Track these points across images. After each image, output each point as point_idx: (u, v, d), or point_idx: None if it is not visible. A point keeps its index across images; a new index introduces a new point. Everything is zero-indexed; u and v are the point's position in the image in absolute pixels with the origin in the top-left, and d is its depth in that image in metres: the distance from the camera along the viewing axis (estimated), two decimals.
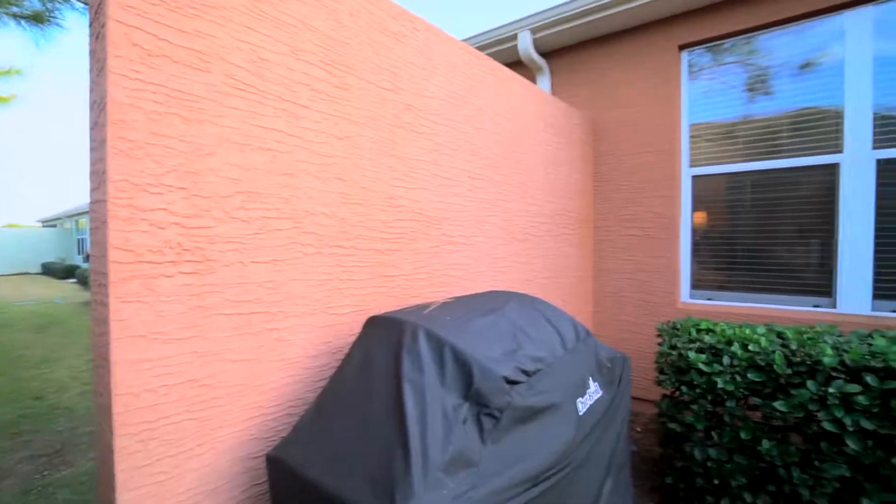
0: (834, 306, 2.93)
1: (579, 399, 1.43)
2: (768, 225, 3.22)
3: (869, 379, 1.70)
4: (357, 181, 1.74)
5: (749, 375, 1.97)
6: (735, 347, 2.05)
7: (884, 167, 2.80)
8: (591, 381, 1.56)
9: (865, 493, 1.72)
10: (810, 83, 3.08)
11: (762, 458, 1.97)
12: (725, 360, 2.04)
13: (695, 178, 3.48)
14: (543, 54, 4.06)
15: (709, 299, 3.41)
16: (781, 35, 3.16)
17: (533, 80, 4.12)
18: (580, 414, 1.39)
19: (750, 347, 2.01)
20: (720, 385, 2.01)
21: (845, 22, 2.92)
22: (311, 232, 1.58)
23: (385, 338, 1.30)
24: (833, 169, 2.94)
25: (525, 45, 3.87)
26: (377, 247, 1.84)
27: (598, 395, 1.55)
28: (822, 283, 3.00)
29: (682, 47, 3.47)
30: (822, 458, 1.81)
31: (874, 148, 2.81)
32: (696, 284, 3.50)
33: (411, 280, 2.02)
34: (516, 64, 4.07)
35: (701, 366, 2.07)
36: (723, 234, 3.42)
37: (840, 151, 2.92)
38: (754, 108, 3.30)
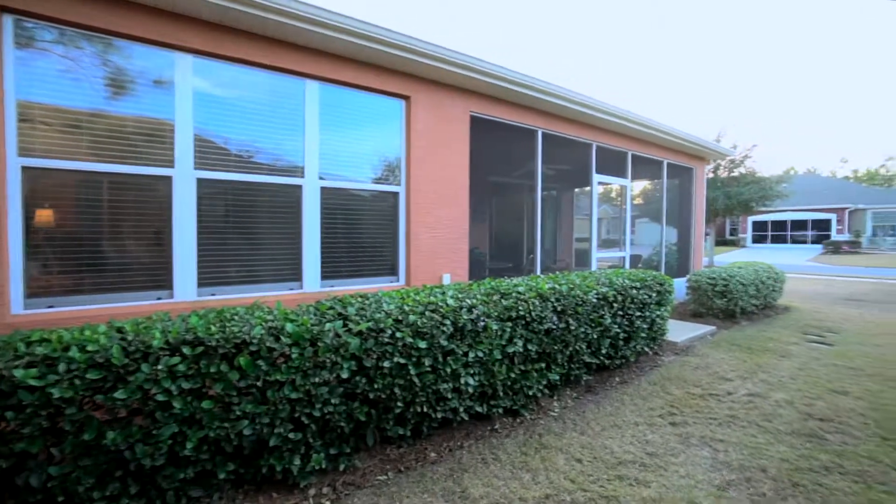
0: (172, 297, 3.47)
1: None
2: (117, 226, 3.32)
3: (185, 350, 2.18)
4: None
5: (89, 375, 1.99)
6: (73, 352, 2.01)
7: (202, 184, 3.60)
8: None
9: (188, 438, 2.20)
10: (157, 98, 3.44)
11: (109, 451, 2.07)
12: (62, 367, 1.96)
13: (28, 169, 3.01)
14: None
15: (50, 307, 3.08)
16: (136, 46, 3.34)
17: None
18: None
19: (89, 348, 2.04)
20: (57, 395, 1.91)
21: (175, 57, 3.47)
22: None
23: None
24: (169, 181, 3.46)
25: None
26: None
27: None
28: (162, 278, 3.46)
29: (5, 9, 2.88)
30: (159, 426, 2.15)
31: (195, 168, 3.56)
32: (35, 293, 3.06)
33: None
34: None
35: (31, 381, 1.88)
36: (70, 235, 3.18)
37: (173, 167, 3.47)
38: (112, 106, 3.30)
